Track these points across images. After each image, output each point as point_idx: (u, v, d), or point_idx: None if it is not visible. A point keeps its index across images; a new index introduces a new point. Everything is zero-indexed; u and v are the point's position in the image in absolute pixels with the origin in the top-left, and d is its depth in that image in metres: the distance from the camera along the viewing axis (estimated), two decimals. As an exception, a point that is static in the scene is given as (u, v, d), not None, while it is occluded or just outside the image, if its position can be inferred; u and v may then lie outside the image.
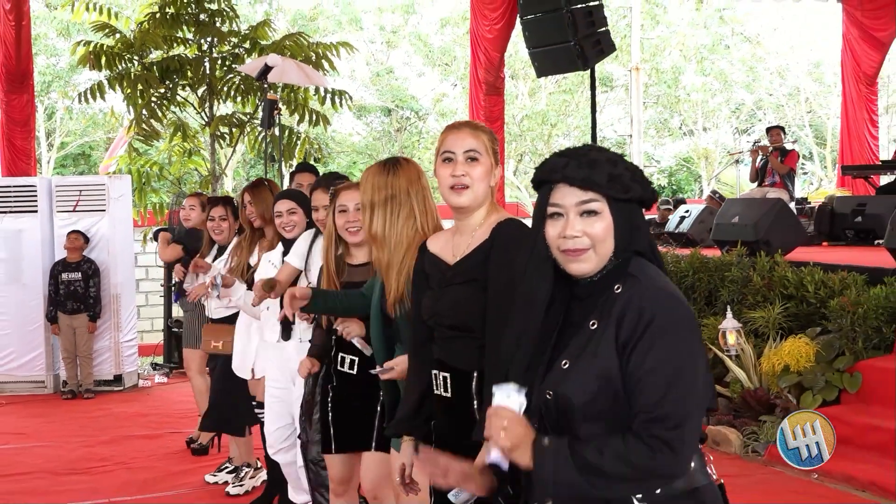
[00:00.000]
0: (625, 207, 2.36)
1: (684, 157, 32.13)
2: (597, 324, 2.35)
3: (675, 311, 2.30)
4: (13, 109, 13.47)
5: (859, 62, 17.44)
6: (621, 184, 2.34)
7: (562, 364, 2.38)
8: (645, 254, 2.41)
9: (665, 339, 2.26)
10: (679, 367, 2.25)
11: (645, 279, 2.34)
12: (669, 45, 30.26)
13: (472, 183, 3.18)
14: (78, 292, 10.62)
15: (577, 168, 2.35)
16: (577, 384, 2.33)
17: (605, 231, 2.34)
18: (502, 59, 16.03)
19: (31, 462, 7.85)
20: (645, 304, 2.29)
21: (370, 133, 30.93)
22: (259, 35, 12.62)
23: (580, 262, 2.36)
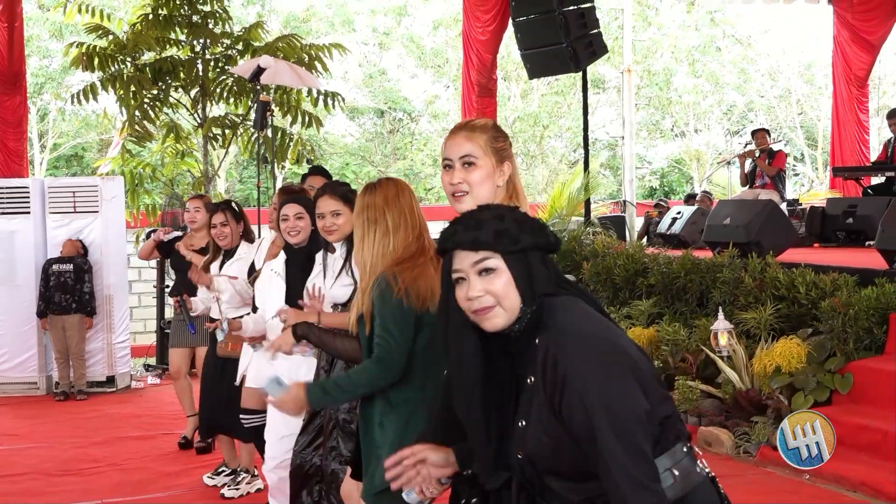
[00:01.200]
0: (520, 258, 2.42)
1: (676, 158, 32.18)
2: (533, 379, 2.40)
3: (582, 354, 2.31)
4: (6, 111, 13.44)
5: (850, 64, 17.49)
6: (509, 237, 2.41)
7: (520, 423, 2.45)
8: (555, 294, 2.45)
9: (579, 387, 2.29)
10: (608, 408, 2.27)
11: (552, 326, 2.39)
12: (661, 46, 30.30)
13: (471, 188, 3.14)
14: (67, 284, 10.56)
15: (465, 231, 2.43)
16: (534, 443, 2.40)
17: (506, 285, 2.40)
18: (495, 60, 16.05)
19: (25, 463, 7.85)
20: (557, 357, 2.33)
21: (363, 134, 30.91)
22: (252, 37, 12.63)
23: (490, 319, 2.42)
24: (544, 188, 27.34)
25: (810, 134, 30.51)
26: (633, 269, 10.34)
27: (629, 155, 19.82)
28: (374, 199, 3.75)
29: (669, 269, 9.77)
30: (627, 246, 11.20)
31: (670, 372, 8.64)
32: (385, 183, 3.82)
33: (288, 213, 5.27)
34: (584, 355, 2.32)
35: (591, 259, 11.08)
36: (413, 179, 28.49)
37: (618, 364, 2.32)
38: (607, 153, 30.93)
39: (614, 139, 28.39)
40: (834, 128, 18.10)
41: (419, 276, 3.67)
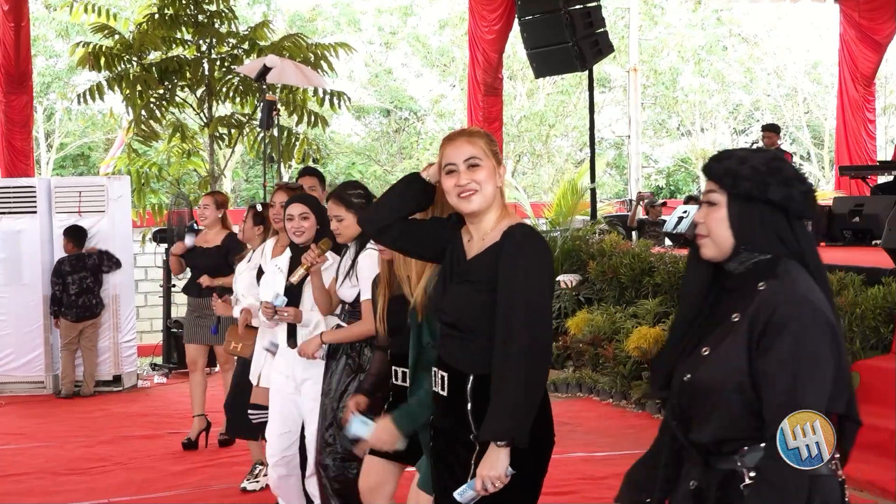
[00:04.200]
0: (743, 203, 2.54)
1: (682, 157, 32.13)
2: (739, 317, 2.51)
3: (799, 311, 2.43)
4: (12, 110, 13.49)
5: (857, 63, 17.48)
6: (733, 178, 2.55)
7: (702, 350, 2.56)
8: (803, 259, 2.55)
9: (784, 337, 2.41)
10: (797, 364, 2.43)
11: (786, 280, 2.49)
12: (667, 45, 30.26)
13: (480, 186, 3.26)
14: (90, 287, 10.64)
15: (712, 159, 2.63)
16: (711, 371, 2.51)
17: (718, 222, 2.59)
18: (500, 59, 16.06)
19: (31, 462, 7.86)
20: (777, 305, 2.44)
21: (369, 134, 30.91)
22: (258, 36, 12.63)
23: (702, 248, 2.63)
24: (550, 187, 27.32)
25: (816, 133, 30.46)
26: (640, 268, 10.34)
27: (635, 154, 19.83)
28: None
29: (676, 268, 9.77)
30: (633, 245, 11.19)
31: (676, 371, 8.63)
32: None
33: (293, 212, 5.25)
34: (800, 314, 2.43)
35: (598, 258, 11.07)
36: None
37: (824, 342, 2.47)
38: (613, 152, 30.90)
39: (620, 138, 28.37)
40: (840, 127, 18.09)
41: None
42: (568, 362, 10.48)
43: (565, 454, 7.24)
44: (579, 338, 10.29)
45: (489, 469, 3.09)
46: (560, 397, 9.67)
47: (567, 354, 10.58)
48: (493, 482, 3.08)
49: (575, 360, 10.39)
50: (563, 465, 6.83)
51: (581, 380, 9.82)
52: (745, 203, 2.53)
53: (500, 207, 3.33)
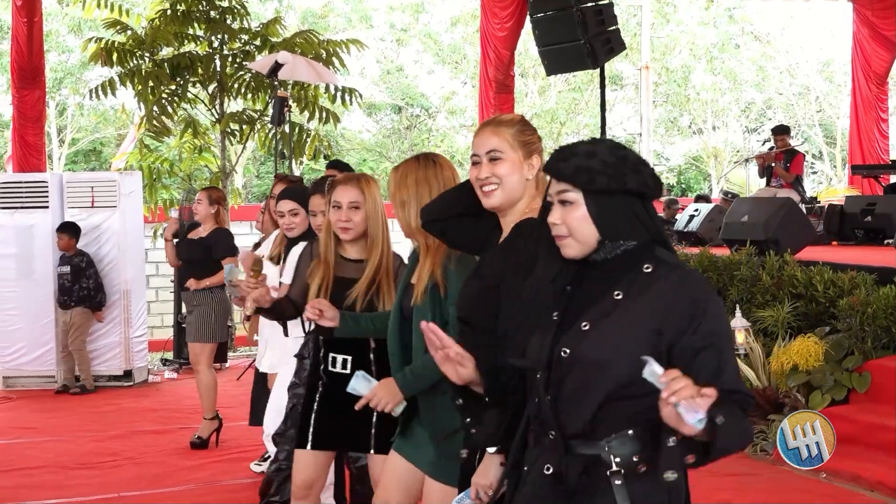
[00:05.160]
0: (599, 198, 2.53)
1: (693, 155, 32.09)
2: (622, 295, 2.52)
3: (711, 294, 2.53)
4: (25, 106, 13.51)
5: (870, 61, 17.42)
6: (587, 175, 2.54)
7: (581, 325, 2.53)
8: (664, 241, 2.61)
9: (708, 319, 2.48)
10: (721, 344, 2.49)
11: (677, 265, 2.55)
12: (679, 43, 30.20)
13: (501, 181, 3.16)
14: (65, 286, 10.63)
15: (555, 160, 2.60)
16: (595, 347, 2.49)
17: (579, 220, 2.54)
18: (512, 57, 16.04)
19: (41, 456, 7.89)
20: (689, 289, 2.50)
21: (380, 130, 30.92)
22: (269, 32, 12.65)
23: (564, 248, 2.59)
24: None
25: (829, 132, 30.38)
26: (650, 267, 10.31)
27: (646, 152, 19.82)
28: (445, 174, 3.69)
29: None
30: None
31: (687, 370, 8.61)
32: (443, 159, 3.79)
33: (283, 209, 5.30)
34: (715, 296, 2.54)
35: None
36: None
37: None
38: (624, 150, 30.84)
39: (632, 136, 28.32)
40: (853, 125, 18.04)
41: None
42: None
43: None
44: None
45: (482, 477, 3.04)
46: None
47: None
48: (486, 490, 3.01)
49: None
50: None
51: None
52: (602, 197, 2.52)
53: (531, 199, 3.21)
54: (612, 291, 2.53)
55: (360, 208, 4.26)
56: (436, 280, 3.59)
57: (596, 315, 2.52)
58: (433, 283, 3.59)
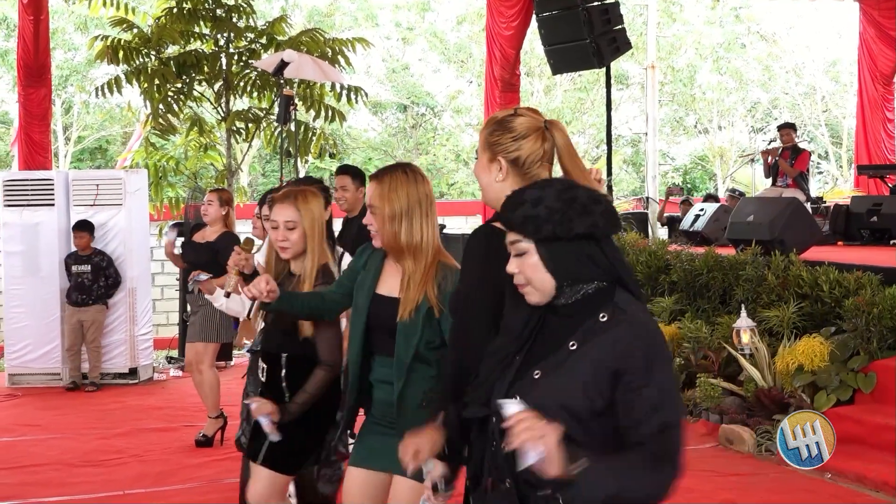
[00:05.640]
0: (549, 245, 2.50)
1: (699, 155, 32.06)
2: (577, 346, 2.50)
3: (658, 348, 2.48)
4: (31, 103, 13.52)
5: (876, 61, 17.39)
6: (534, 224, 2.51)
7: (533, 374, 2.52)
8: (627, 285, 2.56)
9: (654, 373, 2.44)
10: (668, 391, 2.45)
11: (630, 314, 2.50)
12: (685, 43, 30.17)
13: (479, 182, 3.17)
14: (84, 284, 10.69)
15: (505, 209, 2.61)
16: (544, 396, 2.47)
17: (533, 268, 2.52)
18: (518, 56, 16.02)
19: (47, 454, 7.90)
20: (637, 342, 2.46)
21: (385, 129, 30.92)
22: (275, 31, 12.65)
23: (526, 296, 2.57)
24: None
25: (835, 131, 30.34)
26: (656, 266, 10.33)
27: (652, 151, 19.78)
28: (427, 189, 3.73)
29: (692, 267, 9.75)
30: (650, 242, 11.17)
31: (692, 369, 8.62)
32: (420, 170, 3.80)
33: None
34: (662, 350, 2.49)
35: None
36: (435, 174, 28.50)
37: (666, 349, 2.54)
38: (630, 150, 30.85)
39: (637, 135, 28.31)
40: (859, 125, 18.00)
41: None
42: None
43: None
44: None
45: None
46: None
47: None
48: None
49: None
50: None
51: (596, 377, 9.79)
52: (553, 244, 2.49)
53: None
54: (568, 341, 2.52)
55: (296, 227, 4.29)
56: (430, 301, 3.62)
57: (550, 365, 2.51)
58: (428, 304, 3.61)
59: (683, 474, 2.41)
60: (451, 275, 3.62)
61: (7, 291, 11.10)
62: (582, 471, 2.30)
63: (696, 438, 7.85)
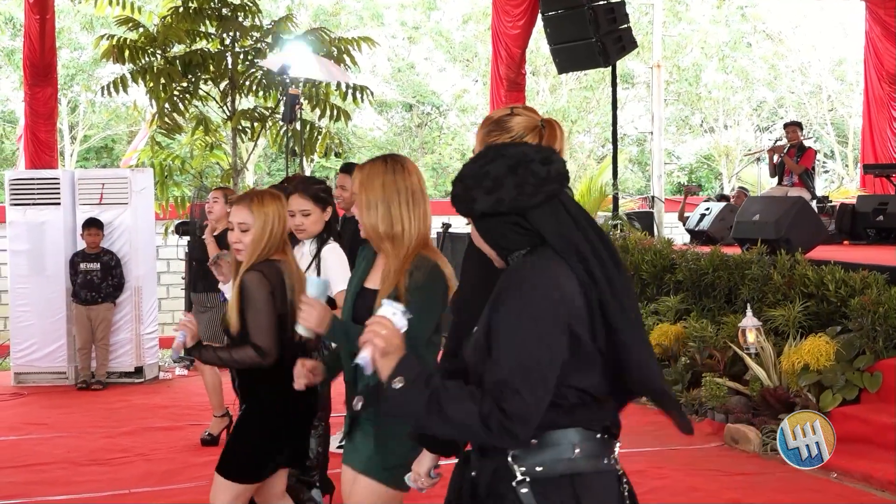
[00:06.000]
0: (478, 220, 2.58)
1: (705, 154, 32.03)
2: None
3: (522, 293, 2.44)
4: (37, 102, 13.54)
5: (882, 60, 17.35)
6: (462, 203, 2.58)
7: (474, 330, 2.60)
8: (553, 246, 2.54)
9: (504, 307, 2.44)
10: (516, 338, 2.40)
11: (526, 261, 2.53)
12: (691, 42, 30.16)
13: None
14: (94, 282, 10.71)
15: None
16: (470, 351, 2.57)
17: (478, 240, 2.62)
18: (523, 55, 16.02)
19: (53, 452, 7.91)
20: (503, 280, 2.50)
21: (391, 128, 30.93)
22: (281, 30, 12.65)
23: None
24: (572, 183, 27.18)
25: (841, 131, 30.30)
26: (661, 265, 10.32)
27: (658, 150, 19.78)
28: (411, 178, 3.68)
29: (697, 266, 9.74)
30: (655, 242, 11.17)
31: (697, 368, 8.62)
32: (409, 162, 3.75)
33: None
34: (519, 285, 2.46)
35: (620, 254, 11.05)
36: (441, 173, 28.50)
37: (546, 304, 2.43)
38: (635, 149, 30.83)
39: (643, 134, 28.29)
40: (865, 125, 17.98)
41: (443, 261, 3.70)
42: (588, 359, 10.44)
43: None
44: (600, 334, 10.26)
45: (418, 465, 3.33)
46: (580, 393, 9.64)
47: (588, 351, 10.55)
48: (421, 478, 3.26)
49: (595, 357, 10.36)
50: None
51: (601, 376, 9.78)
52: (478, 219, 2.56)
53: None
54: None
55: (249, 230, 4.25)
56: (398, 291, 3.57)
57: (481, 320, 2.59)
58: (396, 294, 3.56)
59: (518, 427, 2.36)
60: (425, 266, 3.59)
61: (13, 290, 11.11)
62: (396, 389, 2.37)
63: (702, 438, 7.85)
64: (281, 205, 4.34)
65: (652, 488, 6.49)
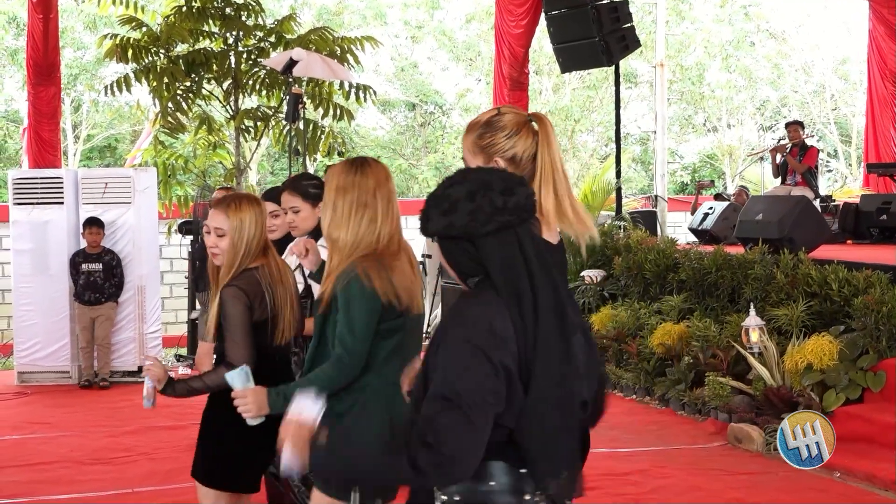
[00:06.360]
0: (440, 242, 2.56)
1: (708, 153, 32.01)
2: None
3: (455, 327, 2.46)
4: (40, 102, 13.55)
5: (885, 59, 17.33)
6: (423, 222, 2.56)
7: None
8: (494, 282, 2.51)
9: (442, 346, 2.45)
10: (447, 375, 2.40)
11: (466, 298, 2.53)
12: (694, 41, 30.13)
13: None
14: (97, 283, 10.73)
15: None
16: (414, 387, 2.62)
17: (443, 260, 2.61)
18: (527, 54, 16.01)
19: (56, 451, 7.92)
20: (445, 321, 2.53)
21: (394, 128, 30.92)
22: (284, 29, 12.65)
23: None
24: (575, 182, 27.25)
25: (844, 130, 30.26)
26: (664, 265, 10.32)
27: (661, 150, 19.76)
28: (366, 181, 3.57)
29: (701, 265, 9.74)
30: (659, 241, 11.16)
31: (700, 368, 8.62)
32: (375, 165, 3.66)
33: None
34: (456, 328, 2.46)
35: (623, 253, 11.06)
36: (444, 173, 28.45)
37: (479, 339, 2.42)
38: (638, 148, 30.81)
39: (646, 134, 28.27)
40: (868, 124, 17.95)
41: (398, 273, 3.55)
42: (591, 358, 10.44)
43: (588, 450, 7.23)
44: (603, 333, 10.28)
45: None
46: (583, 393, 9.64)
47: (591, 350, 10.55)
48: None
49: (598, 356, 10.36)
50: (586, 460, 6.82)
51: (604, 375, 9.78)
52: (439, 239, 2.56)
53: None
54: None
55: (225, 235, 4.16)
56: (325, 295, 3.54)
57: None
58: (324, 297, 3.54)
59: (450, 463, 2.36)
60: (346, 275, 3.48)
61: (16, 289, 11.12)
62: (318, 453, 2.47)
63: (705, 437, 7.85)
64: (259, 210, 4.23)
65: (655, 487, 6.49)
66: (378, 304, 3.44)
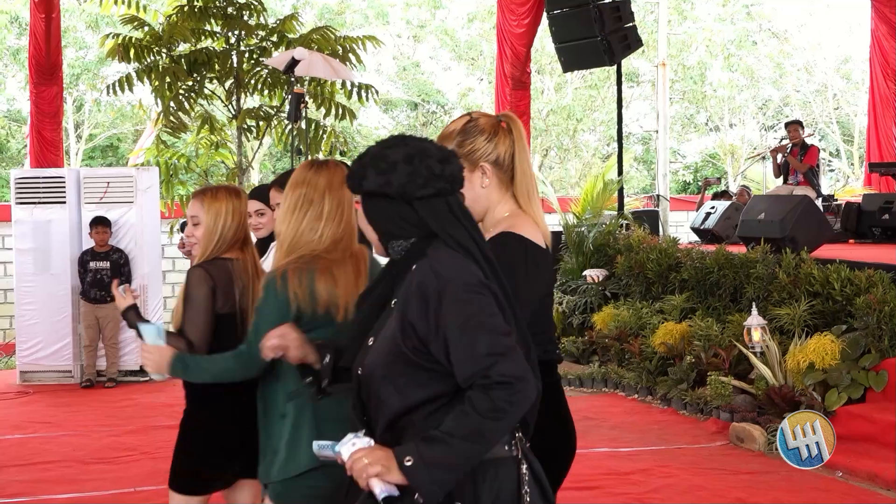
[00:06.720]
0: (369, 200, 2.59)
1: (710, 153, 32.01)
2: (395, 302, 2.57)
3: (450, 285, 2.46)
4: (42, 101, 13.57)
5: (887, 59, 17.32)
6: (355, 179, 2.61)
7: (369, 342, 2.60)
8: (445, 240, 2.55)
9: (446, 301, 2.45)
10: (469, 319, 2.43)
11: (430, 257, 2.52)
12: (696, 40, 30.13)
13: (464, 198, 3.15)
14: (104, 281, 10.74)
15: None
16: (375, 355, 2.55)
17: (363, 221, 2.64)
18: (529, 53, 16.00)
19: (58, 451, 7.92)
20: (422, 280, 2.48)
21: (396, 127, 30.93)
22: (286, 28, 12.65)
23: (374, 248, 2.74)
24: (577, 182, 27.27)
25: (846, 129, 30.26)
26: (667, 264, 10.32)
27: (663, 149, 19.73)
28: (317, 179, 3.49)
29: (703, 264, 9.74)
30: (661, 240, 11.16)
31: (702, 367, 8.62)
32: (334, 167, 3.57)
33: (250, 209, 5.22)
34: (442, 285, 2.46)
35: (625, 253, 11.06)
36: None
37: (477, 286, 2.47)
38: (641, 147, 30.81)
39: (648, 133, 28.27)
40: (870, 123, 17.94)
41: (336, 281, 3.41)
42: (594, 357, 10.47)
43: (590, 449, 7.24)
44: (605, 333, 10.28)
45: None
46: (585, 392, 9.66)
47: (593, 349, 10.57)
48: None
49: (601, 356, 10.38)
50: (587, 459, 6.83)
51: (606, 375, 9.81)
52: (367, 199, 2.57)
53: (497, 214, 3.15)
54: (393, 299, 2.59)
55: (200, 224, 4.11)
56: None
57: (379, 327, 2.60)
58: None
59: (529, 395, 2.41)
60: (270, 273, 3.44)
61: (18, 289, 11.14)
62: (415, 471, 2.36)
63: (707, 436, 7.84)
64: (238, 202, 4.17)
65: (657, 487, 6.49)
66: (287, 309, 3.36)
